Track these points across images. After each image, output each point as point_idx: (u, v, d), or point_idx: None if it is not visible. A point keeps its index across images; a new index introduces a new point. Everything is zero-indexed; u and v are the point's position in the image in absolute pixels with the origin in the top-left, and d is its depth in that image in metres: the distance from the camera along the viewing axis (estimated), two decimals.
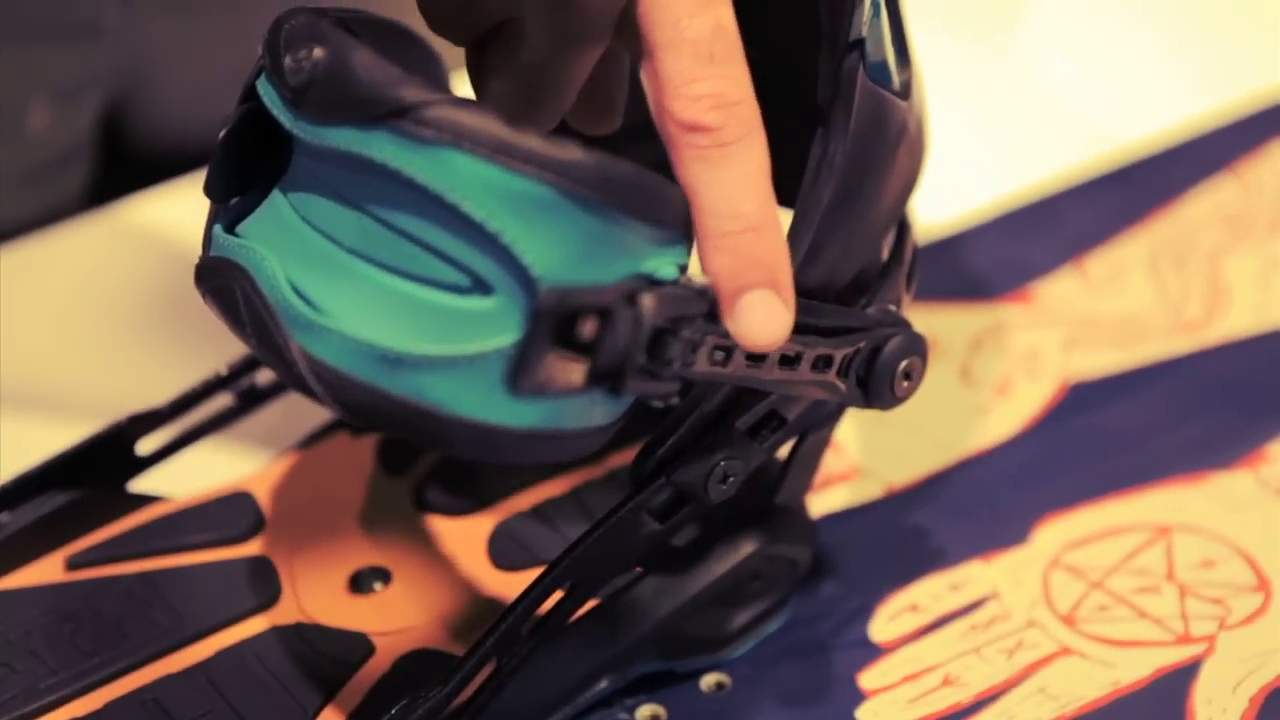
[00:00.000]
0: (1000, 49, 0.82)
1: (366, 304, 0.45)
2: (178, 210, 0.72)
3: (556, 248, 0.44)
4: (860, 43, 0.51)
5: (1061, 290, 0.70)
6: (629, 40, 0.47)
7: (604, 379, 0.45)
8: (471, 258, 0.44)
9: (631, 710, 0.55)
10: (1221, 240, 0.72)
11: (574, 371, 0.45)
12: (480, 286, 0.45)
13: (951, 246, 0.72)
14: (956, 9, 0.83)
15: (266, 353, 0.46)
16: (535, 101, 0.50)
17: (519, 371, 0.44)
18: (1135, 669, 0.56)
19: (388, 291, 0.45)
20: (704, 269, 0.46)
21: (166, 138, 0.76)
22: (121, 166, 0.76)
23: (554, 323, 0.44)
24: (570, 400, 0.46)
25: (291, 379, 0.46)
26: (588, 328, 0.44)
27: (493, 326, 0.44)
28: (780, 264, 0.46)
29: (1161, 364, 0.66)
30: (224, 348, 0.61)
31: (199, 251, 0.70)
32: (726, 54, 0.46)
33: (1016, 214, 0.73)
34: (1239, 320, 0.68)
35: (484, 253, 0.44)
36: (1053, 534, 0.60)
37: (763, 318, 0.46)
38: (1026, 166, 0.75)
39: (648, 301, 0.45)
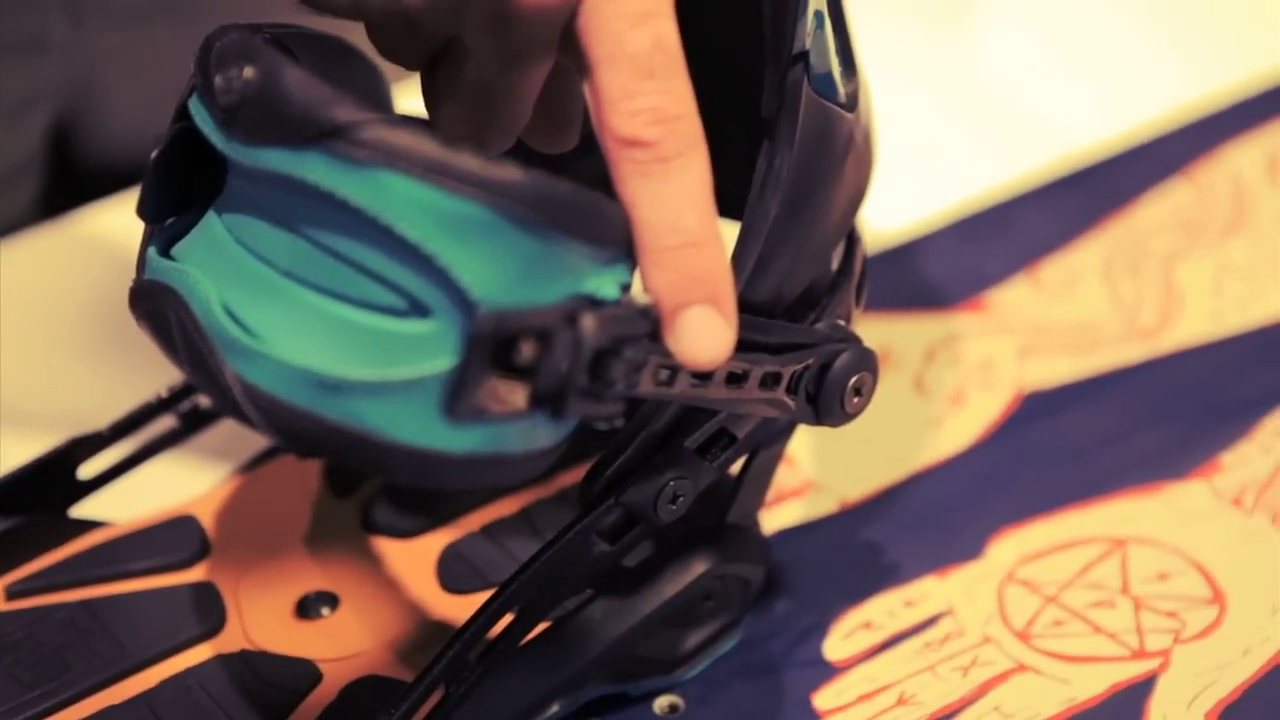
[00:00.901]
0: (952, 53, 0.82)
1: (302, 328, 0.44)
2: (122, 224, 0.71)
3: (494, 269, 0.43)
4: (804, 55, 0.50)
5: (1015, 298, 0.69)
6: (573, 55, 0.46)
7: (545, 402, 0.44)
8: (408, 280, 0.44)
9: None
10: (1175, 245, 0.71)
11: (514, 395, 0.44)
12: (417, 309, 0.44)
13: (904, 254, 0.71)
14: (909, 13, 0.83)
15: (201, 378, 0.45)
16: (487, 121, 0.49)
17: (456, 397, 0.43)
18: (1091, 685, 0.55)
19: (323, 315, 0.44)
20: (644, 286, 0.46)
21: (115, 151, 0.75)
22: (70, 180, 0.75)
23: (491, 346, 0.43)
24: (511, 424, 0.45)
25: (226, 405, 0.45)
26: (527, 350, 0.43)
27: (430, 350, 0.44)
28: (722, 280, 0.46)
29: (1116, 372, 0.66)
30: (169, 366, 0.61)
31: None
32: (667, 68, 0.45)
33: (970, 220, 0.73)
34: (1193, 327, 0.68)
35: (420, 275, 0.43)
36: (1007, 548, 0.59)
37: (703, 334, 0.45)
38: (979, 171, 0.75)
39: (588, 322, 0.44)
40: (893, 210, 0.70)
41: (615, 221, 0.45)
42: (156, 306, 0.46)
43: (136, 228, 0.70)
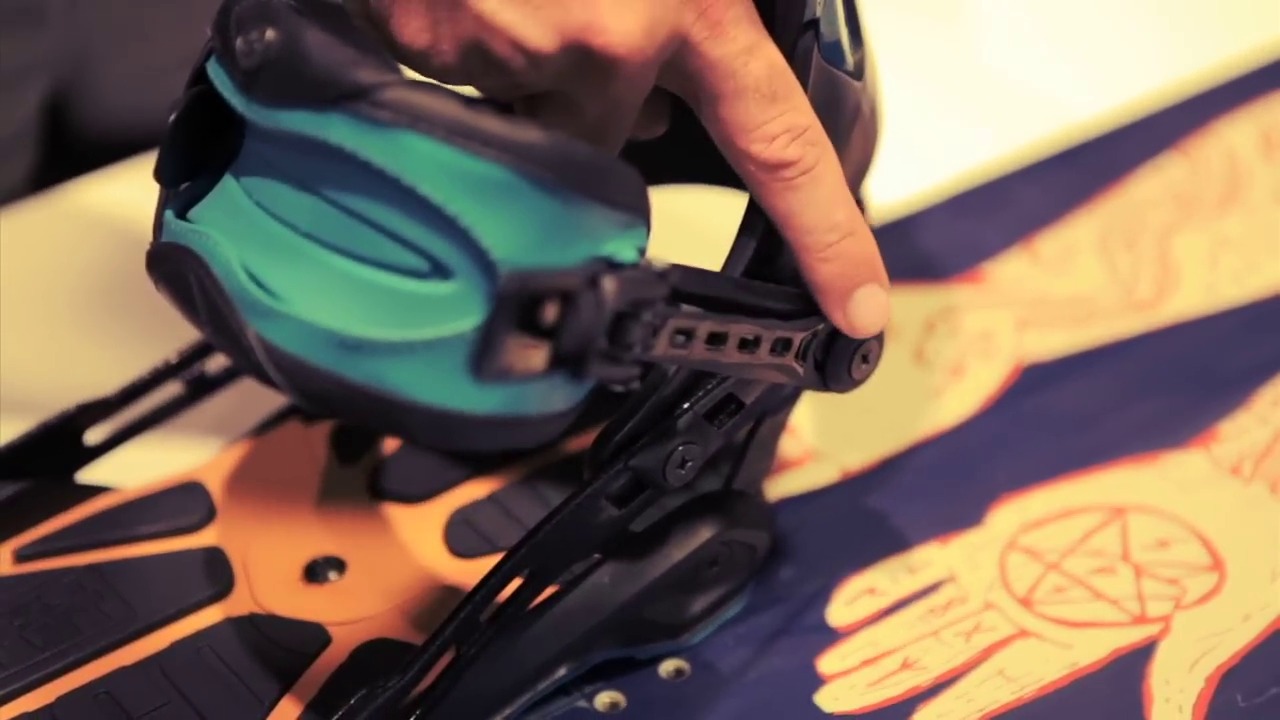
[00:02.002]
0: (948, 32, 0.82)
1: (323, 289, 0.45)
2: (123, 194, 0.71)
3: (516, 231, 0.44)
4: (815, 23, 0.51)
5: (1013, 271, 0.70)
6: (672, 83, 0.49)
7: (566, 363, 0.45)
8: (430, 241, 0.44)
9: (591, 697, 0.54)
10: (1170, 219, 0.72)
11: (536, 356, 0.44)
12: (439, 271, 0.44)
13: (902, 228, 0.72)
14: None
15: (222, 340, 0.45)
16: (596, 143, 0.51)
17: (482, 356, 0.43)
18: (1093, 650, 0.56)
19: (345, 276, 0.44)
20: (811, 281, 0.50)
21: (111, 123, 0.75)
22: (66, 152, 0.75)
23: (516, 306, 0.43)
24: (531, 385, 0.45)
25: (248, 366, 0.45)
26: (549, 312, 0.44)
27: (452, 311, 0.44)
28: (877, 257, 0.51)
29: (1113, 344, 0.66)
30: (173, 334, 0.61)
31: (146, 236, 0.70)
32: (786, 89, 0.49)
33: (966, 195, 0.73)
34: (1189, 299, 0.68)
35: (443, 236, 0.44)
36: (1008, 516, 0.60)
37: (874, 308, 0.51)
38: (975, 146, 0.75)
39: (609, 285, 0.44)
40: (890, 186, 0.70)
41: (633, 185, 0.45)
42: (176, 269, 0.46)
43: (132, 198, 0.71)
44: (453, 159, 0.43)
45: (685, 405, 0.52)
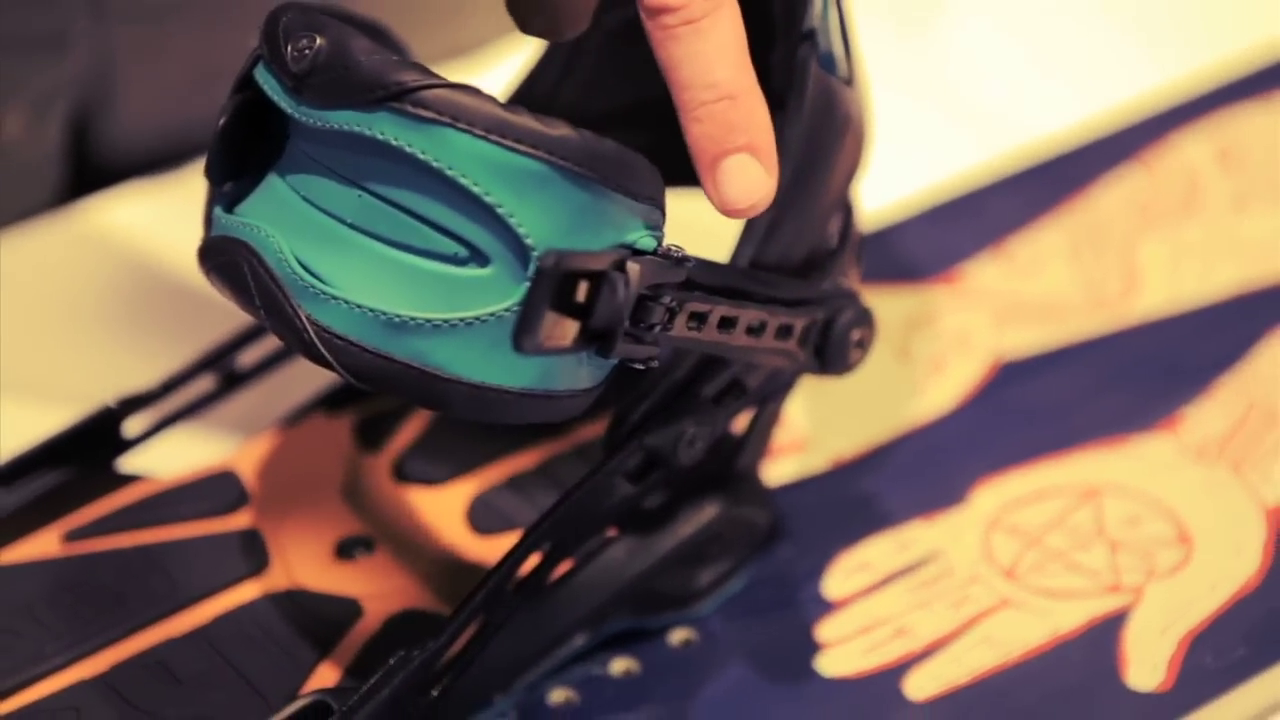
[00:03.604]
0: (919, 50, 0.86)
1: (370, 274, 0.48)
2: (146, 209, 0.75)
3: (548, 219, 0.48)
4: (812, 33, 0.55)
5: (987, 274, 0.74)
6: None
7: (595, 340, 0.49)
8: (469, 230, 0.48)
9: (606, 664, 0.58)
10: (1134, 227, 0.76)
11: (568, 332, 0.48)
12: (477, 257, 0.48)
13: (880, 235, 0.76)
14: (878, 12, 0.87)
15: (276, 323, 0.49)
16: (554, 8, 0.51)
17: (522, 328, 0.47)
18: (1072, 617, 0.60)
19: (390, 262, 0.48)
20: (687, 144, 0.48)
21: (134, 143, 0.78)
22: (92, 173, 0.78)
23: (554, 282, 0.47)
24: (561, 362, 0.49)
25: (301, 346, 0.49)
26: (581, 291, 0.48)
27: (490, 293, 0.48)
28: (759, 129, 0.48)
29: (1084, 342, 0.71)
30: (195, 336, 0.65)
31: (167, 248, 0.73)
32: None
33: (940, 206, 0.77)
34: (1153, 300, 0.73)
35: (481, 224, 0.48)
36: (990, 496, 0.64)
37: (743, 181, 0.48)
38: (947, 161, 0.80)
39: (634, 268, 0.48)
40: (864, 195, 0.74)
41: (654, 179, 0.49)
42: (230, 259, 0.50)
43: (155, 213, 0.75)
44: (491, 152, 0.47)
45: (695, 389, 0.56)
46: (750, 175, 0.48)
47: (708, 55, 0.47)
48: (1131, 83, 0.83)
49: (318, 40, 0.48)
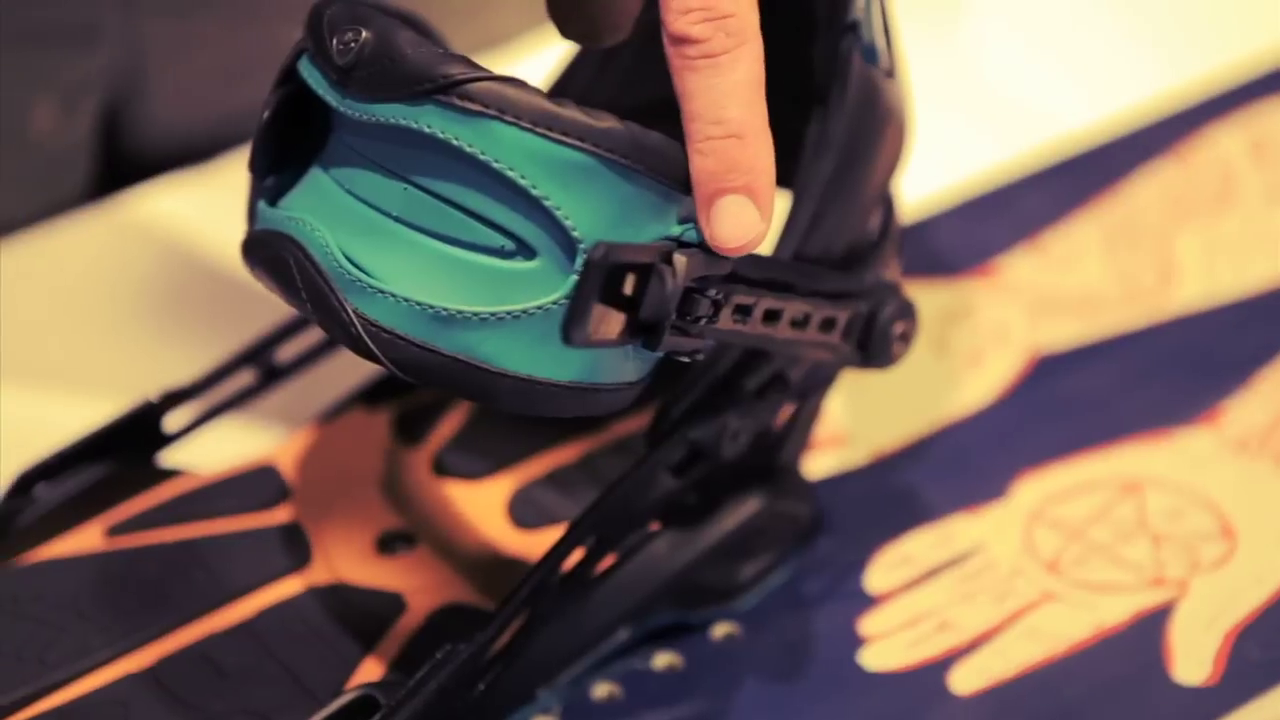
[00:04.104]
0: (948, 48, 0.86)
1: (416, 268, 0.48)
2: (178, 202, 0.75)
3: (595, 212, 0.48)
4: (855, 25, 0.55)
5: (1023, 267, 0.74)
6: None
7: (641, 332, 0.49)
8: (516, 222, 0.48)
9: (649, 658, 0.58)
10: (1168, 220, 0.76)
11: (615, 325, 0.48)
12: (524, 250, 0.48)
13: (914, 230, 0.76)
14: (905, 12, 0.87)
15: (323, 316, 0.49)
16: (593, 17, 0.51)
17: (571, 320, 0.47)
18: (1116, 611, 0.59)
19: (436, 256, 0.48)
20: (690, 172, 0.48)
21: (165, 137, 0.78)
22: (121, 166, 0.78)
23: (602, 275, 0.47)
24: (607, 355, 0.49)
25: (349, 340, 0.48)
26: (629, 284, 0.48)
27: (537, 286, 0.48)
28: (760, 172, 0.48)
29: (1122, 336, 0.70)
30: (232, 330, 0.65)
31: (200, 241, 0.73)
32: None
33: (973, 201, 0.77)
34: (1190, 293, 0.72)
35: (528, 217, 0.48)
36: (1031, 490, 0.64)
37: (735, 221, 0.48)
38: (976, 156, 0.79)
39: (681, 261, 0.48)
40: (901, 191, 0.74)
41: None
42: (275, 253, 0.50)
43: (187, 206, 0.75)
44: (538, 145, 0.47)
45: (738, 382, 0.56)
46: (744, 217, 0.48)
47: (722, 91, 0.48)
48: (1164, 77, 0.82)
49: (363, 33, 0.48)
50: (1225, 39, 0.85)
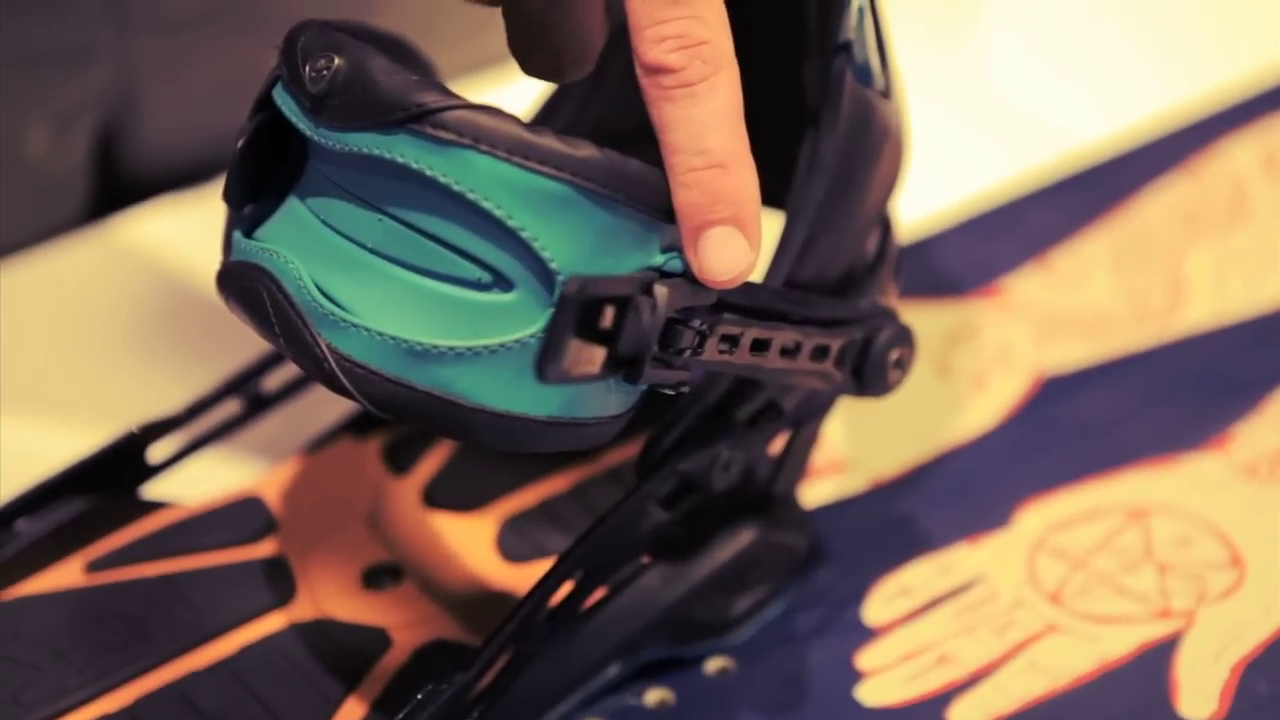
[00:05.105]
0: (956, 61, 0.85)
1: (391, 301, 0.47)
2: (171, 225, 0.74)
3: (574, 242, 0.46)
4: (848, 45, 0.54)
5: (1029, 286, 0.72)
6: None
7: (622, 366, 0.47)
8: (492, 254, 0.46)
9: (640, 694, 0.57)
10: (1179, 236, 0.74)
11: (594, 359, 0.47)
12: (501, 282, 0.47)
13: (920, 249, 0.74)
14: (913, 24, 0.86)
15: (295, 351, 0.48)
16: (555, 52, 0.49)
17: (546, 357, 0.46)
18: (1120, 644, 0.58)
19: (411, 289, 0.47)
20: (674, 206, 0.47)
21: (160, 157, 0.77)
22: (118, 187, 0.77)
23: (578, 309, 0.46)
24: (588, 389, 0.48)
25: (321, 375, 0.47)
26: (607, 317, 0.46)
27: (514, 319, 0.46)
28: (746, 201, 0.47)
29: (1129, 357, 0.69)
30: (223, 357, 0.63)
31: (193, 265, 0.72)
32: None
33: (981, 218, 0.76)
34: (1200, 312, 0.71)
35: (504, 249, 0.46)
36: (1035, 518, 0.62)
37: (724, 253, 0.47)
38: (986, 170, 0.78)
39: (662, 292, 0.47)
40: (904, 208, 0.73)
41: None
42: (249, 285, 0.49)
43: (181, 229, 0.74)
44: (514, 175, 0.46)
45: (729, 412, 0.54)
46: (732, 249, 0.47)
47: (702, 121, 0.47)
48: (1175, 89, 0.81)
49: (336, 60, 0.47)
50: (1237, 51, 0.83)
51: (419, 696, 0.51)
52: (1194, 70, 0.82)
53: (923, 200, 0.76)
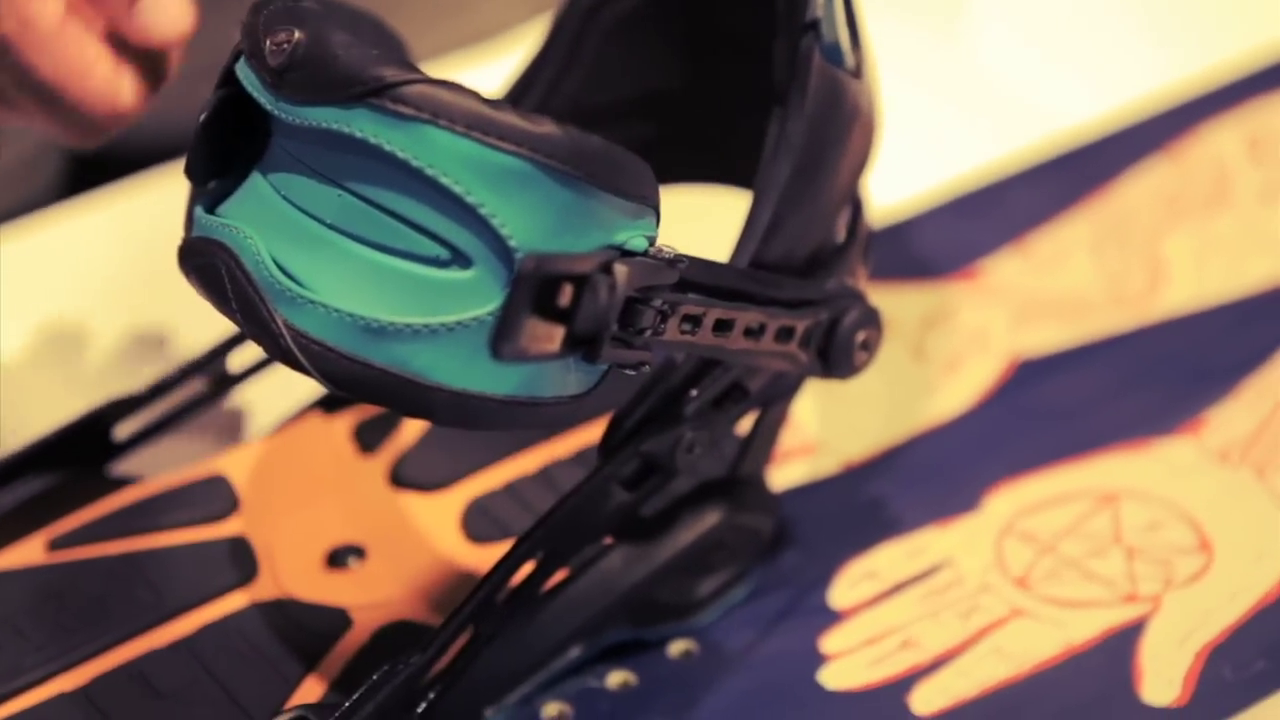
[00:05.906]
0: (942, 42, 0.84)
1: (349, 278, 0.47)
2: (144, 202, 0.74)
3: (533, 219, 0.46)
4: (815, 24, 0.53)
5: (1006, 269, 0.72)
6: None
7: (580, 345, 0.47)
8: (450, 231, 0.46)
9: (602, 676, 0.56)
10: (1160, 220, 0.74)
11: (552, 338, 0.46)
12: (459, 259, 0.46)
13: (898, 230, 0.74)
14: (900, 5, 0.85)
15: (253, 327, 0.47)
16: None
17: (501, 335, 0.46)
18: (1085, 628, 0.58)
19: (369, 265, 0.47)
20: None
21: (136, 132, 0.77)
22: (92, 161, 0.77)
23: (534, 287, 0.45)
24: (547, 368, 0.47)
25: (278, 352, 0.47)
26: (565, 295, 0.46)
27: (472, 297, 0.46)
28: None
29: (1105, 340, 0.69)
30: (193, 334, 0.63)
31: (165, 242, 0.72)
32: None
33: (962, 199, 0.75)
34: (1178, 296, 0.70)
35: (463, 225, 0.46)
36: (1004, 501, 0.62)
37: (166, 7, 0.53)
38: (968, 151, 0.78)
39: (621, 270, 0.47)
40: (885, 189, 0.73)
41: (643, 176, 0.48)
42: (208, 261, 0.48)
43: (153, 205, 0.73)
44: (473, 150, 0.45)
45: (693, 392, 0.54)
46: (173, 4, 0.53)
47: None
48: (1157, 74, 0.80)
49: (296, 34, 0.47)
50: (1222, 33, 0.83)
51: (374, 678, 0.51)
52: (1179, 53, 0.82)
53: (904, 182, 0.76)
